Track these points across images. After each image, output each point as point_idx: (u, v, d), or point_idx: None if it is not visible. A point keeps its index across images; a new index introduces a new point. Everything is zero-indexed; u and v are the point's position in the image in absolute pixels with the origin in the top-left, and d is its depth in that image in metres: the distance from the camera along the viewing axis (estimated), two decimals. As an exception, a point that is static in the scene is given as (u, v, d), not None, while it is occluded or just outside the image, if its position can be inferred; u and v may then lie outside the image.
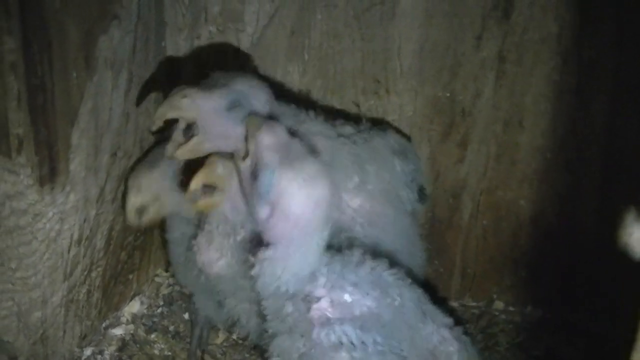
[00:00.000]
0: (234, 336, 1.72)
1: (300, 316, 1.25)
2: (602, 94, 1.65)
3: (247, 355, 1.68)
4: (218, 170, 1.36)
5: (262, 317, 1.32)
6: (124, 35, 1.48)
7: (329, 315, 1.24)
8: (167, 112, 1.33)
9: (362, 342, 1.23)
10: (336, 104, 1.72)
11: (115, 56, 1.47)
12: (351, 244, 1.39)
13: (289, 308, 1.25)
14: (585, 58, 1.63)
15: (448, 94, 1.69)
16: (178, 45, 1.73)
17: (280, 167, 1.22)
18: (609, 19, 1.58)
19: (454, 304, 1.87)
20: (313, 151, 1.32)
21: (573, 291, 1.80)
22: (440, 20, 1.63)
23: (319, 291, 1.25)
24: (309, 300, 1.24)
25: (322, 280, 1.25)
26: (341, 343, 1.22)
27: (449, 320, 1.34)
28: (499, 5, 1.61)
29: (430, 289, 1.54)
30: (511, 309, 1.86)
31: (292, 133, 1.31)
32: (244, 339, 1.55)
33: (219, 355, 1.69)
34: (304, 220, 1.22)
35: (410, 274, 1.38)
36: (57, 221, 1.41)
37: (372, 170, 1.52)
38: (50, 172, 1.36)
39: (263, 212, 1.23)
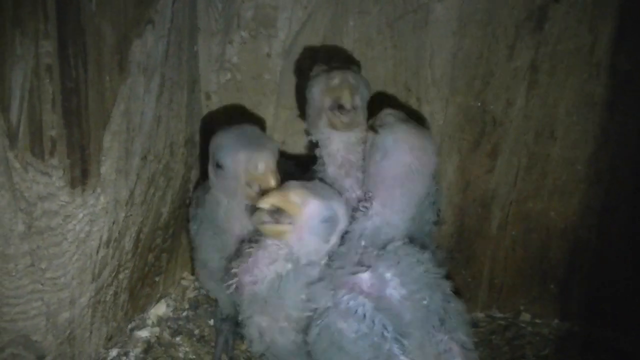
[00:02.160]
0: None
1: (341, 274, 1.36)
2: (635, 106, 1.63)
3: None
4: (292, 198, 1.35)
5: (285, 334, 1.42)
6: (158, 39, 1.49)
7: (362, 288, 1.34)
8: (276, 202, 1.35)
9: (373, 321, 1.31)
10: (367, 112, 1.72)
11: (148, 60, 1.47)
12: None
13: (338, 262, 1.38)
14: (619, 70, 1.61)
15: (479, 104, 1.68)
16: (210, 50, 1.73)
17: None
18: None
19: (481, 314, 1.86)
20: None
21: (602, 306, 1.78)
22: (473, 29, 1.62)
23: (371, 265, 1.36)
24: (360, 265, 1.36)
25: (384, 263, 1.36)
26: (355, 312, 1.32)
27: (467, 340, 1.38)
28: (532, 15, 1.60)
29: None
30: (538, 321, 1.85)
31: None
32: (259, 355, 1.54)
33: (242, 360, 1.70)
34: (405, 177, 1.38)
35: None
36: (87, 223, 1.42)
37: None
38: (81, 174, 1.37)
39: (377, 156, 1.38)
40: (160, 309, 1.77)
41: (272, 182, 1.42)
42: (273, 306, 1.41)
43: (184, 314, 1.79)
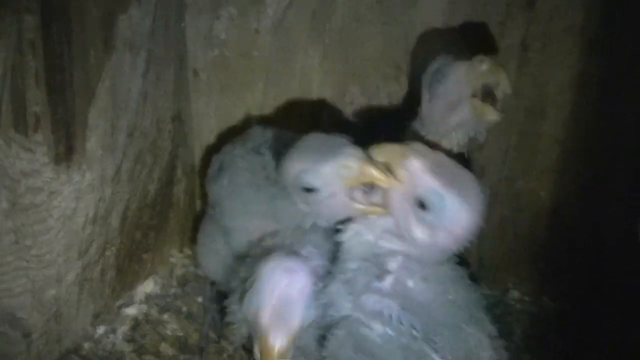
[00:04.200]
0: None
1: (361, 277, 1.28)
2: (626, 86, 1.61)
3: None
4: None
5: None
6: (144, 15, 1.48)
7: (385, 289, 1.27)
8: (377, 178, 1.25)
9: (400, 322, 1.24)
10: (356, 88, 1.71)
11: (134, 36, 1.46)
12: None
13: (355, 265, 1.30)
14: (610, 49, 1.59)
15: (470, 81, 1.67)
16: (198, 26, 1.71)
17: (446, 189, 1.21)
18: (637, 11, 1.55)
19: (469, 291, 1.86)
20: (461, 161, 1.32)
21: (590, 284, 1.78)
22: (462, 7, 1.61)
23: (391, 266, 1.28)
24: (379, 271, 1.28)
25: (395, 263, 1.28)
26: (382, 314, 1.24)
27: (493, 329, 1.33)
28: (523, -8, 1.59)
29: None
30: (527, 299, 1.85)
31: None
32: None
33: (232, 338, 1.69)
34: (464, 237, 1.26)
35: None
36: (73, 199, 1.41)
37: None
38: (66, 151, 1.36)
39: (422, 233, 1.25)
40: (148, 287, 1.77)
41: (375, 173, 1.26)
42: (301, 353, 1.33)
43: (172, 291, 1.79)
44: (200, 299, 1.76)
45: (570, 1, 1.57)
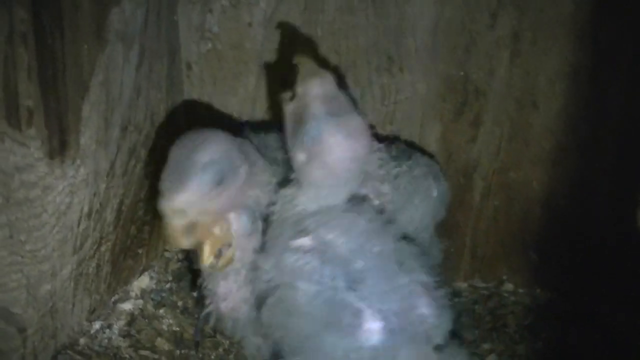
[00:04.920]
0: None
1: (280, 239, 1.34)
2: (618, 76, 1.62)
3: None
4: (217, 233, 1.37)
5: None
6: (136, 8, 1.47)
7: (304, 247, 1.31)
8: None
9: (321, 275, 1.28)
10: (349, 81, 1.71)
11: (127, 29, 1.45)
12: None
13: (277, 231, 1.36)
14: (602, 40, 1.60)
15: (462, 73, 1.67)
16: (190, 19, 1.71)
17: (326, 119, 1.29)
18: (628, 0, 1.55)
19: (463, 284, 1.87)
20: (356, 105, 1.38)
21: (583, 275, 1.79)
22: (454, -3, 1.62)
23: (308, 224, 1.34)
24: (297, 229, 1.33)
25: (312, 220, 1.34)
26: (302, 270, 1.29)
27: (428, 280, 1.34)
28: (515, -18, 1.59)
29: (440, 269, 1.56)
30: (520, 290, 1.86)
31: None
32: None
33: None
34: (339, 171, 1.31)
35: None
36: (67, 194, 1.41)
37: (417, 202, 1.55)
38: (60, 145, 1.35)
39: (301, 157, 1.31)
40: (143, 282, 1.76)
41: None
42: (261, 322, 1.39)
43: (167, 286, 1.79)
44: (195, 294, 1.75)
45: (561, -9, 1.58)
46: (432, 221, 1.59)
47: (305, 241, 1.32)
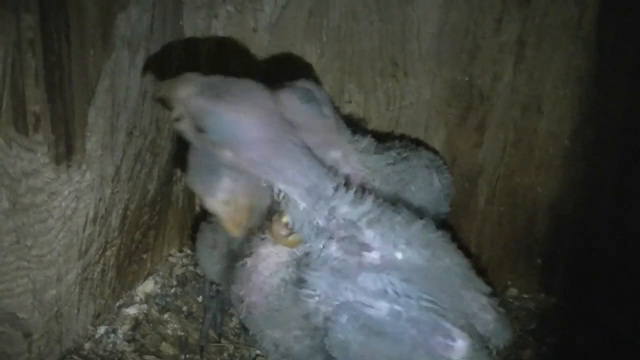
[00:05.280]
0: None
1: (347, 260, 1.24)
2: (622, 81, 1.62)
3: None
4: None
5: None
6: (142, 13, 1.47)
7: (378, 264, 1.23)
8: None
9: (407, 295, 1.22)
10: (354, 86, 1.71)
11: (132, 35, 1.45)
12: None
13: (332, 248, 1.25)
14: (606, 44, 1.60)
15: (466, 78, 1.67)
16: (195, 24, 1.71)
17: (213, 105, 1.20)
18: (632, 5, 1.56)
19: (468, 289, 1.86)
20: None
21: (588, 280, 1.79)
22: (459, 3, 1.61)
23: (371, 243, 1.24)
24: (359, 247, 1.24)
25: (372, 233, 1.24)
26: (386, 292, 1.22)
27: (488, 289, 1.32)
28: (519, -12, 1.59)
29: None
30: (525, 296, 1.85)
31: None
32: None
33: (231, 337, 1.69)
34: (259, 141, 1.21)
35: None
36: (73, 199, 1.41)
37: (415, 189, 1.53)
38: (66, 150, 1.36)
39: (226, 154, 1.22)
40: (148, 286, 1.77)
41: None
42: (285, 315, 1.35)
43: (172, 290, 1.79)
44: (200, 298, 1.76)
45: (566, -3, 1.58)
46: (434, 213, 1.57)
47: (375, 257, 1.25)
